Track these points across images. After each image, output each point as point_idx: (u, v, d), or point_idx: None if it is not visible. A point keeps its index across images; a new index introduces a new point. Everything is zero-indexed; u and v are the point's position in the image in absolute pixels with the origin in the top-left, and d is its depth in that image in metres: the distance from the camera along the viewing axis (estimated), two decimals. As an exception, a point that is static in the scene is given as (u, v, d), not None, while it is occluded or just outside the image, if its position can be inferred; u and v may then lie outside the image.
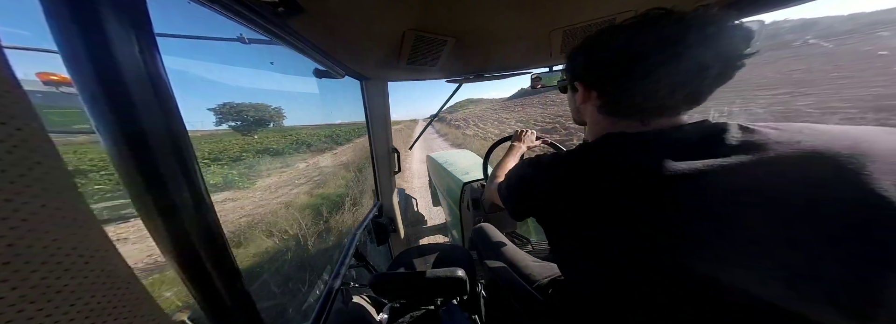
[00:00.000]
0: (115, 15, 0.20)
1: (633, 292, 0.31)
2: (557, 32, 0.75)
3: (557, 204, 0.34)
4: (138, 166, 0.23)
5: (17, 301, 0.13)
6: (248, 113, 49.36)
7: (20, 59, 0.17)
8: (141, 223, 0.25)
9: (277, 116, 54.42)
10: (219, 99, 34.81)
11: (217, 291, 0.31)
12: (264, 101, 75.96)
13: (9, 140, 0.13)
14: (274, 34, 0.53)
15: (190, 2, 0.34)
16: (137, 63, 0.22)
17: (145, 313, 0.20)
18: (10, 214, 0.13)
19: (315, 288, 2.17)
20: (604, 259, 0.31)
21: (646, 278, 0.29)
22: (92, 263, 0.17)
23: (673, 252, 0.26)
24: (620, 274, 0.31)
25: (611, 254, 0.30)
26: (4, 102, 0.13)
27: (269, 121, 50.02)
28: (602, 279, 0.34)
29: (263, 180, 5.95)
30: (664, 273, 0.28)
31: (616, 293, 0.33)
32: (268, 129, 26.97)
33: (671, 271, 0.27)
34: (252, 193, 5.14)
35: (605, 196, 0.30)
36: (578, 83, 0.38)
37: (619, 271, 0.30)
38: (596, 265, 0.34)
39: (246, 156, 7.72)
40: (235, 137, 9.77)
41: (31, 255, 0.14)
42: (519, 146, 0.86)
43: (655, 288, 0.29)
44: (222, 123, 24.31)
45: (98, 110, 0.21)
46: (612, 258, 0.30)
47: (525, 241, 1.32)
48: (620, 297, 0.33)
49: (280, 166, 7.08)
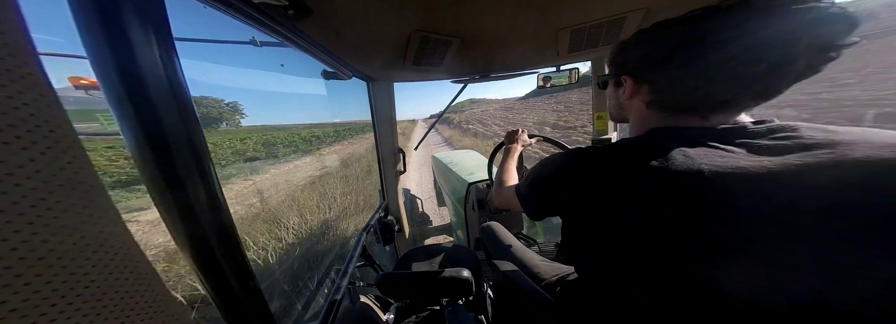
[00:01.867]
0: (139, 21, 0.21)
1: (672, 302, 0.28)
2: (565, 32, 0.74)
3: (592, 199, 0.31)
4: (160, 166, 0.24)
5: (50, 295, 0.14)
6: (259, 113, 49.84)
7: (53, 64, 0.18)
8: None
9: (286, 117, 54.62)
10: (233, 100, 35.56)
11: (231, 289, 0.32)
12: (276, 102, 76.79)
13: (43, 142, 0.14)
14: (284, 36, 0.54)
15: (206, 6, 0.35)
16: (158, 66, 0.23)
17: (164, 309, 0.20)
18: (44, 212, 0.13)
19: (323, 286, 2.19)
20: (647, 266, 0.29)
21: (691, 290, 0.26)
22: (116, 259, 0.17)
23: (731, 263, 0.24)
24: (657, 281, 0.28)
25: (658, 262, 0.28)
26: (39, 105, 0.13)
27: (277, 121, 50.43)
28: (636, 286, 0.31)
29: (272, 180, 6.08)
30: (709, 285, 0.25)
31: (647, 302, 0.30)
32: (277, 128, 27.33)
33: (721, 282, 0.25)
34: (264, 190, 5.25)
35: (656, 195, 0.27)
36: (626, 77, 0.36)
37: (660, 279, 0.28)
38: (631, 269, 0.30)
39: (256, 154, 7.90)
40: (248, 135, 10.01)
41: (63, 251, 0.14)
42: (515, 147, 0.85)
43: (697, 303, 0.27)
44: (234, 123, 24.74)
45: (123, 112, 0.22)
46: (659, 268, 0.28)
47: (531, 242, 1.31)
48: (650, 304, 0.30)
49: (286, 166, 7.21)
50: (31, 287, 0.13)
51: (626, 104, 0.39)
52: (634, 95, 0.36)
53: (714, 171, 0.25)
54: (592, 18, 0.68)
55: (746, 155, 0.27)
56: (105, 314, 0.16)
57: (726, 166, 0.26)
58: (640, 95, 0.36)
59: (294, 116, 68.35)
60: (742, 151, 0.27)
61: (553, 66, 1.13)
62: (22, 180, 0.13)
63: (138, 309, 0.19)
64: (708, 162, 0.26)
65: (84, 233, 0.15)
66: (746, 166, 0.25)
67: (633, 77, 0.36)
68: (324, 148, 12.38)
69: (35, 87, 0.13)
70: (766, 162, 0.25)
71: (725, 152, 0.27)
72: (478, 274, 0.88)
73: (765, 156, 0.26)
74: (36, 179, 0.13)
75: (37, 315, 0.13)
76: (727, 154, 0.27)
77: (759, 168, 0.24)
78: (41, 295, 0.13)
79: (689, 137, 0.30)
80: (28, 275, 0.13)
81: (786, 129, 0.28)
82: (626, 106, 0.40)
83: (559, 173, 0.36)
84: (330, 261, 2.84)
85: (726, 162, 0.26)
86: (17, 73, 0.13)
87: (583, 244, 0.37)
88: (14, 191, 0.12)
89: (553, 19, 0.67)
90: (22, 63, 0.13)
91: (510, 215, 1.47)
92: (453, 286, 0.71)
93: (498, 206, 0.61)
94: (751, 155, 0.26)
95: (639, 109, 0.37)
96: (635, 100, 0.37)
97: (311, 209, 3.96)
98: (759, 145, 0.27)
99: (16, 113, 0.12)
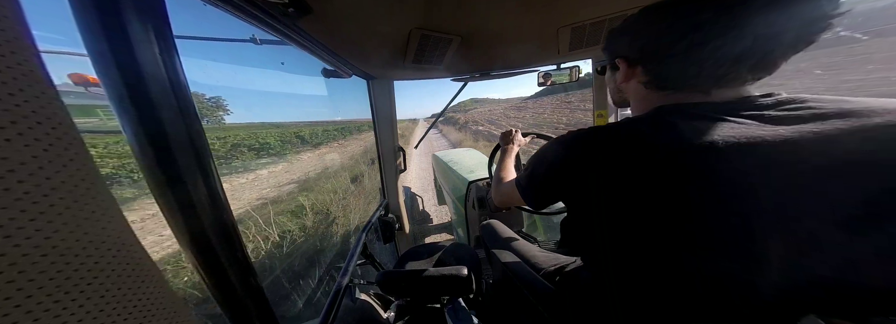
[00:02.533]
0: (139, 18, 0.21)
1: (689, 296, 0.27)
2: (566, 29, 0.74)
3: (597, 180, 0.31)
4: (161, 164, 0.24)
5: (53, 292, 0.14)
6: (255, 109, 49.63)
7: (53, 61, 0.18)
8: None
9: (285, 114, 54.56)
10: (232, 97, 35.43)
11: (233, 286, 0.32)
12: (275, 100, 76.85)
13: (45, 139, 0.14)
14: (284, 34, 0.54)
15: (205, 4, 0.35)
16: (158, 64, 0.23)
17: (166, 305, 0.21)
18: (48, 209, 0.14)
19: (323, 284, 2.20)
20: (659, 246, 0.28)
21: (717, 282, 0.26)
22: (119, 256, 0.17)
23: (753, 238, 0.24)
24: (677, 271, 0.27)
25: (671, 242, 0.27)
26: (41, 102, 0.13)
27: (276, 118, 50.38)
28: (646, 269, 0.30)
29: (273, 178, 6.09)
30: (727, 264, 0.25)
31: (662, 293, 0.30)
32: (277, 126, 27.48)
33: (748, 267, 0.24)
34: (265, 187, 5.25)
35: (667, 172, 0.26)
36: (620, 60, 0.37)
37: (674, 263, 0.27)
38: (641, 251, 0.30)
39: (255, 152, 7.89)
40: (247, 131, 9.93)
41: (66, 248, 0.14)
42: (512, 148, 0.86)
43: (717, 297, 0.26)
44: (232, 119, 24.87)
45: (124, 109, 0.22)
46: (670, 247, 0.27)
47: (532, 240, 1.32)
48: (666, 296, 0.29)
49: (284, 165, 7.21)
50: (34, 284, 0.13)
51: (624, 86, 0.40)
52: (630, 77, 0.37)
53: (729, 142, 0.25)
54: (593, 16, 0.67)
55: (759, 125, 0.26)
56: (108, 311, 0.16)
57: (741, 136, 0.25)
58: (636, 76, 0.36)
59: (295, 113, 68.39)
60: (753, 122, 0.27)
61: (553, 64, 1.13)
62: (25, 177, 0.13)
63: (141, 306, 0.19)
64: (721, 134, 0.26)
65: (87, 230, 0.16)
66: (762, 135, 0.25)
67: (626, 60, 0.37)
68: (323, 146, 12.39)
69: (36, 84, 0.13)
70: (782, 130, 0.24)
71: (736, 124, 0.27)
72: (478, 272, 0.89)
73: (778, 126, 0.25)
74: (38, 176, 0.13)
75: (41, 311, 0.13)
76: (738, 126, 0.27)
77: (775, 136, 0.24)
78: (44, 291, 0.13)
79: (697, 113, 0.30)
80: (32, 272, 0.13)
81: (795, 101, 0.27)
82: (623, 88, 0.40)
83: (560, 157, 0.36)
84: (331, 259, 2.85)
85: (740, 132, 0.26)
86: (18, 70, 0.13)
87: (587, 229, 0.36)
88: (17, 188, 0.12)
89: (554, 17, 0.67)
90: (23, 60, 0.13)
91: (510, 214, 1.47)
92: (453, 284, 0.71)
93: (498, 204, 0.61)
94: (764, 124, 0.26)
95: (636, 89, 0.38)
96: (632, 81, 0.37)
97: (313, 207, 3.97)
98: (769, 116, 0.27)
99: (18, 110, 0.13)
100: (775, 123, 0.26)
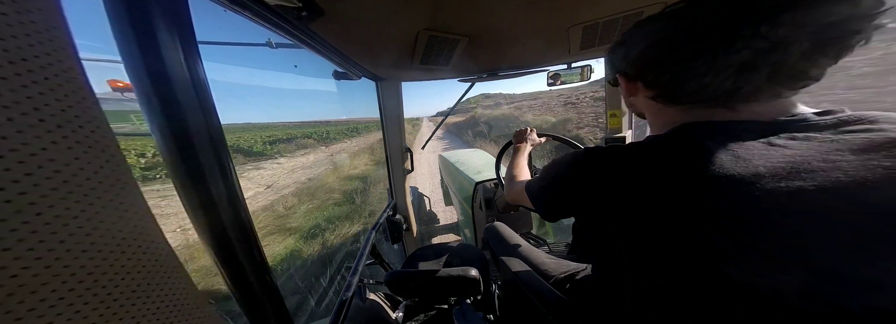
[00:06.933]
0: (166, 25, 0.22)
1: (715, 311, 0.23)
2: (577, 28, 0.73)
3: (616, 203, 0.28)
4: (186, 164, 0.25)
5: (92, 286, 0.15)
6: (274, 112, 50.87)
7: (92, 68, 0.19)
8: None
9: (302, 115, 55.74)
10: (252, 100, 36.45)
11: (250, 284, 0.33)
12: (290, 101, 78.68)
13: (85, 141, 0.14)
14: (297, 38, 0.55)
15: (226, 10, 0.36)
16: (183, 69, 0.24)
17: (190, 301, 0.21)
18: (87, 208, 0.14)
19: (334, 283, 2.23)
20: (682, 269, 0.24)
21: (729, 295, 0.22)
22: (148, 252, 0.18)
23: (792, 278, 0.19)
24: (694, 287, 0.24)
25: (695, 266, 0.23)
26: (82, 107, 0.14)
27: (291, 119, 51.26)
28: (667, 287, 0.26)
29: (287, 178, 6.21)
30: (750, 290, 0.20)
31: (676, 302, 0.26)
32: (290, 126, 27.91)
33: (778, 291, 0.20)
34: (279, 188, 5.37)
35: (697, 203, 0.23)
36: (620, 75, 0.36)
37: (701, 282, 0.23)
38: (662, 273, 0.26)
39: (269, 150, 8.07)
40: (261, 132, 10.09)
41: (103, 244, 0.15)
42: (524, 146, 0.84)
43: (735, 305, 0.22)
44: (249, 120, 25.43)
45: (152, 112, 0.23)
46: (697, 271, 0.23)
47: (541, 242, 1.30)
48: (681, 304, 0.26)
49: (298, 163, 7.35)
50: (76, 278, 0.14)
51: (632, 100, 0.39)
52: (634, 92, 0.36)
53: (777, 173, 0.21)
54: (606, 14, 0.66)
55: (813, 153, 0.22)
56: (139, 305, 0.17)
57: (790, 164, 0.21)
58: (639, 90, 0.35)
59: (307, 113, 69.74)
60: (806, 145, 0.22)
61: (564, 64, 1.12)
62: (68, 177, 0.14)
63: (167, 301, 0.20)
64: (766, 164, 0.22)
65: (121, 227, 0.16)
66: (817, 168, 0.20)
67: (624, 75, 0.36)
68: (334, 145, 12.55)
69: (79, 90, 0.14)
70: (844, 164, 0.20)
71: (784, 150, 0.22)
72: (485, 273, 0.88)
73: (836, 155, 0.21)
74: (80, 177, 0.14)
75: (81, 304, 0.14)
76: (787, 152, 0.22)
77: (832, 169, 0.19)
78: (84, 285, 0.14)
79: (732, 133, 0.26)
80: (74, 266, 0.14)
81: (863, 120, 0.23)
82: (633, 102, 0.39)
83: (575, 176, 0.33)
84: (341, 258, 2.89)
85: (789, 161, 0.21)
86: (64, 77, 0.13)
87: (600, 243, 0.34)
88: (62, 187, 0.13)
89: (565, 16, 0.66)
90: (68, 68, 0.14)
91: (519, 215, 1.46)
92: (461, 285, 0.71)
93: (509, 201, 0.60)
94: (818, 153, 0.21)
95: (647, 103, 0.36)
96: (639, 96, 0.36)
97: (323, 206, 4.03)
98: (826, 141, 0.22)
99: (63, 115, 0.13)
100: (836, 152, 0.21)
